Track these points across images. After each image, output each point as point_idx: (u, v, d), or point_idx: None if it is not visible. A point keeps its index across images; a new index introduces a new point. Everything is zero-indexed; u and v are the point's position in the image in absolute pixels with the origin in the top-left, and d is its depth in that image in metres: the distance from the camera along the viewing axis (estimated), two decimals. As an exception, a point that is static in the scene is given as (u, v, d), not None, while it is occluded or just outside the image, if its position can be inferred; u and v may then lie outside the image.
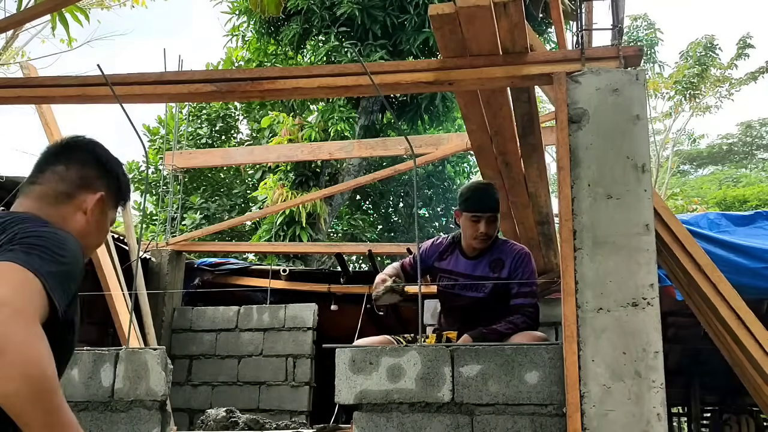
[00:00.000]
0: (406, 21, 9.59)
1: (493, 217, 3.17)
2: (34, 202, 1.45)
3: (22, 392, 1.08)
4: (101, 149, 1.58)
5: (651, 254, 2.35)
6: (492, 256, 3.21)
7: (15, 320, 1.10)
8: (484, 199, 3.16)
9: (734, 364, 3.65)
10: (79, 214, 1.48)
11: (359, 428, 2.48)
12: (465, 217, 3.18)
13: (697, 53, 17.16)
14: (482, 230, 3.13)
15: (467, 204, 3.17)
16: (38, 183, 1.48)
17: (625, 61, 2.54)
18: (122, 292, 4.88)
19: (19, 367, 1.08)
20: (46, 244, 1.26)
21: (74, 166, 1.50)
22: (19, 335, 1.10)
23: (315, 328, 5.42)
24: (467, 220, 3.17)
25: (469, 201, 3.17)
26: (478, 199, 3.16)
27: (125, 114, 2.84)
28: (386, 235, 13.67)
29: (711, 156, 23.23)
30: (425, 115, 10.67)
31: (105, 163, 1.55)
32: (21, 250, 1.22)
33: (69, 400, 2.90)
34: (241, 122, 13.88)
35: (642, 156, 2.43)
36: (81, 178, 1.50)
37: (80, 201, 1.48)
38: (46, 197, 1.45)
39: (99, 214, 1.51)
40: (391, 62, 4.35)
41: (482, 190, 3.23)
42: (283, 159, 8.27)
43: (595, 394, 2.27)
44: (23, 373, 1.08)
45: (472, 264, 3.22)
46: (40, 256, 1.22)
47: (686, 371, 8.28)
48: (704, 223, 4.20)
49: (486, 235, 3.15)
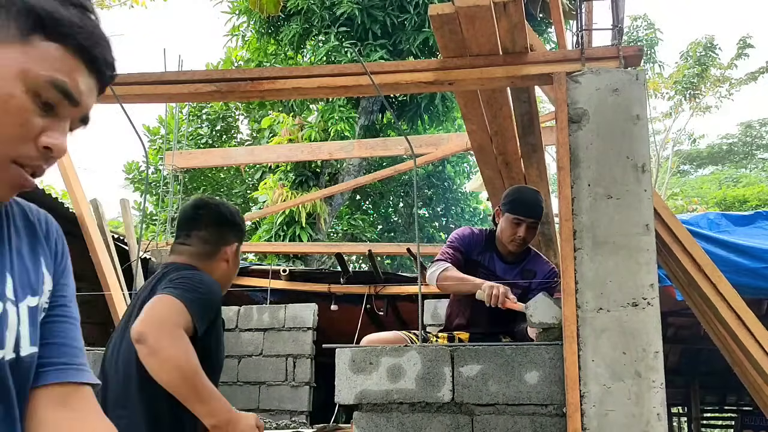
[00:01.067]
0: (405, 21, 9.59)
1: (534, 224, 3.13)
2: (187, 258, 2.01)
3: (175, 378, 1.66)
4: (224, 208, 2.11)
5: (651, 254, 2.35)
6: (526, 266, 3.20)
7: (164, 329, 1.67)
8: (531, 205, 3.10)
9: (734, 364, 3.65)
10: (223, 263, 2.05)
11: (359, 428, 2.48)
12: (506, 218, 3.13)
13: (697, 53, 17.17)
14: (521, 234, 3.09)
15: (512, 206, 3.11)
16: (188, 244, 2.04)
17: (625, 61, 2.54)
18: (122, 292, 4.87)
19: (171, 361, 1.65)
20: (188, 281, 1.83)
21: (211, 228, 2.05)
22: (167, 339, 1.66)
23: (315, 328, 5.42)
24: (508, 222, 3.12)
25: (515, 204, 3.11)
26: (525, 204, 3.10)
27: (125, 114, 2.84)
28: (386, 235, 13.67)
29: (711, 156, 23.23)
30: (425, 115, 10.67)
31: (232, 219, 2.10)
32: (172, 286, 1.79)
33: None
34: (242, 122, 13.88)
35: (642, 156, 2.43)
36: (220, 237, 2.05)
37: (222, 254, 2.05)
38: (197, 255, 2.02)
39: (235, 257, 2.09)
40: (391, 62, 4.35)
41: (530, 194, 3.16)
42: (283, 159, 8.27)
43: (595, 394, 2.27)
44: (174, 365, 1.65)
45: (506, 268, 3.19)
46: (183, 288, 1.78)
47: (686, 371, 8.29)
48: (704, 223, 4.20)
49: (524, 240, 3.12)
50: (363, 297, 5.95)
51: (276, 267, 6.50)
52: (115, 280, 4.86)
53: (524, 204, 3.10)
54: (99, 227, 5.05)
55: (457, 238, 3.28)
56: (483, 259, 3.22)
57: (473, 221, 13.88)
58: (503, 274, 3.17)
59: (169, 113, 10.67)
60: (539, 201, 3.15)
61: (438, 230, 13.74)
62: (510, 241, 3.13)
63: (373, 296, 6.00)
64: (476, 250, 3.25)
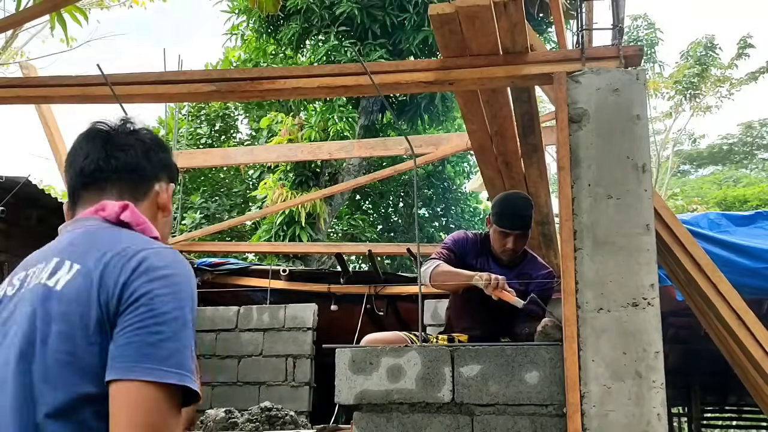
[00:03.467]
0: (405, 20, 9.59)
1: (523, 234, 3.12)
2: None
3: None
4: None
5: (651, 254, 2.35)
6: (522, 269, 3.20)
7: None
8: (516, 217, 3.09)
9: (734, 364, 3.65)
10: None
11: (359, 428, 2.48)
12: (495, 230, 3.13)
13: (697, 53, 17.17)
14: (510, 246, 3.10)
15: (499, 218, 3.10)
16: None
17: (626, 61, 2.53)
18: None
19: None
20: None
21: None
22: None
23: (315, 328, 5.41)
24: (496, 233, 3.13)
25: (502, 216, 3.10)
26: (510, 217, 3.09)
27: (125, 114, 2.83)
28: (386, 235, 13.66)
29: (711, 156, 23.21)
30: (425, 114, 10.67)
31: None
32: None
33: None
34: (241, 122, 13.88)
35: (642, 156, 2.42)
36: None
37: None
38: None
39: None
40: (391, 62, 4.35)
41: (515, 205, 3.13)
42: (283, 159, 8.26)
43: (595, 395, 2.27)
44: None
45: (502, 272, 3.17)
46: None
47: (686, 371, 8.28)
48: (704, 223, 4.20)
49: (513, 251, 3.13)
50: (363, 297, 5.94)
51: (276, 267, 6.50)
52: (114, 280, 4.85)
53: (511, 216, 3.10)
54: (99, 227, 5.03)
55: (450, 241, 3.28)
56: (478, 263, 3.22)
57: (473, 221, 13.88)
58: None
59: (168, 113, 10.66)
60: (527, 209, 3.13)
61: (438, 230, 13.73)
62: (501, 252, 3.15)
63: (373, 296, 6.00)
64: (471, 254, 3.25)
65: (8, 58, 13.03)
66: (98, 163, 1.28)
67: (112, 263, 1.11)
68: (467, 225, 13.54)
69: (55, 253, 1.18)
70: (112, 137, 1.32)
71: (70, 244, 1.19)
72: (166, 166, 1.37)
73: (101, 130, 1.33)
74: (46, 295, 1.12)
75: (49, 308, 1.10)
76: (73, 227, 1.24)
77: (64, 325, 1.08)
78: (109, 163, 1.28)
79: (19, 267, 1.24)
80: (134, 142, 1.33)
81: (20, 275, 1.20)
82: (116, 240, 1.16)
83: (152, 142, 1.36)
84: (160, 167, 1.35)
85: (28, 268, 1.20)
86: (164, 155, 1.38)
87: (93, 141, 1.31)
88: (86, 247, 1.16)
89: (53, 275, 1.14)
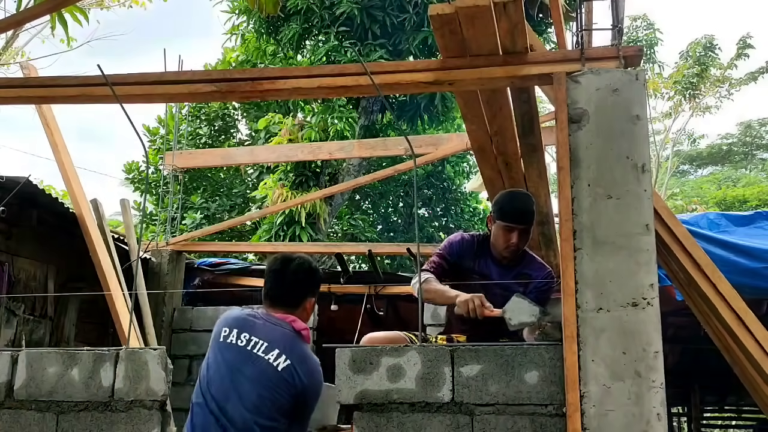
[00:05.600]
0: (405, 20, 9.59)
1: (526, 230, 3.11)
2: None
3: None
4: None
5: (651, 254, 2.35)
6: (521, 269, 3.19)
7: None
8: (521, 212, 3.08)
9: (734, 364, 3.65)
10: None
11: (359, 428, 2.48)
12: (498, 226, 3.12)
13: (696, 53, 17.17)
14: (514, 241, 3.08)
15: (502, 213, 3.10)
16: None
17: (625, 61, 2.54)
18: (122, 292, 4.87)
19: None
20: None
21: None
22: None
23: (315, 328, 5.41)
24: (500, 229, 3.11)
25: (505, 211, 3.09)
26: (515, 211, 3.08)
27: (125, 114, 2.84)
28: (386, 235, 13.66)
29: (711, 156, 23.23)
30: (425, 115, 10.67)
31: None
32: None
33: (68, 400, 2.89)
34: (241, 122, 13.87)
35: (642, 156, 2.43)
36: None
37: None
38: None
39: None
40: (391, 62, 4.35)
41: (520, 200, 3.14)
42: (283, 159, 8.27)
43: (595, 394, 2.27)
44: None
45: (502, 272, 3.18)
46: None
47: (686, 371, 8.28)
48: (704, 223, 4.20)
49: (517, 247, 3.12)
50: (363, 297, 5.95)
51: (276, 267, 6.48)
52: (115, 280, 4.87)
53: (514, 211, 3.09)
54: (99, 227, 5.04)
55: (446, 247, 3.27)
56: (477, 264, 3.21)
57: (473, 221, 13.87)
58: (499, 278, 3.16)
59: (168, 113, 10.65)
60: (530, 205, 3.12)
61: (437, 230, 13.73)
62: (504, 248, 3.13)
63: (373, 296, 6.00)
64: (468, 256, 3.23)
65: (9, 58, 13.03)
66: None
67: None
68: (467, 225, 13.54)
69: None
70: None
71: None
72: None
73: None
74: None
75: None
76: None
77: None
78: None
79: None
80: None
81: None
82: None
83: None
84: None
85: None
86: None
87: None
88: None
89: None
